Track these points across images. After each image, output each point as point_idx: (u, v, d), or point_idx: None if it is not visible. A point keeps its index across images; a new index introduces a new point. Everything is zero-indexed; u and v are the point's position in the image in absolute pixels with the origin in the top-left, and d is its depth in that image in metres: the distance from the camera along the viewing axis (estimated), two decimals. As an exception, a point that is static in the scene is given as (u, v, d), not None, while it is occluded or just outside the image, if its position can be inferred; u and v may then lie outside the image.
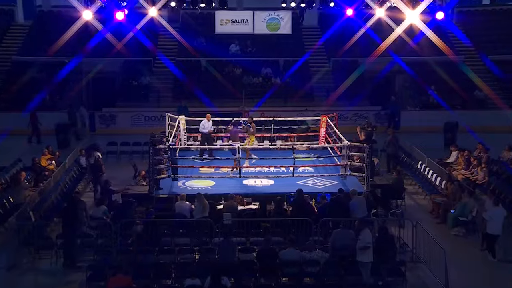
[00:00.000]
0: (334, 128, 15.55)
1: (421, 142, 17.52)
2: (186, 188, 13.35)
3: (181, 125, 15.95)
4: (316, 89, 23.23)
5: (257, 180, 13.85)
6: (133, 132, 20.77)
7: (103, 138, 19.22)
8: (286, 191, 12.68)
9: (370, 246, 9.70)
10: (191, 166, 14.25)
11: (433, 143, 18.51)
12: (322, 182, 13.75)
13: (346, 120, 21.68)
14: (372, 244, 9.75)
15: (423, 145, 16.91)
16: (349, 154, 13.63)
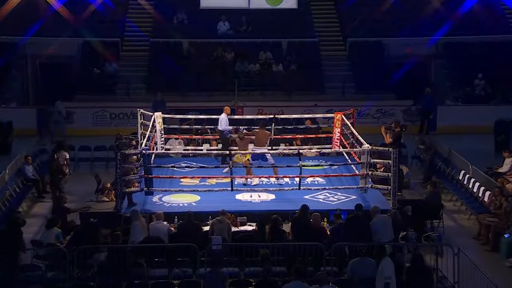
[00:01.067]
0: (351, 128, 15.60)
1: (464, 146, 17.60)
2: (164, 204, 13.40)
3: (157, 124, 15.99)
4: (329, 78, 23.35)
5: (253, 194, 13.90)
6: (96, 133, 20.85)
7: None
8: (290, 208, 12.74)
9: (389, 282, 9.70)
10: (170, 176, 14.28)
11: (480, 147, 18.60)
12: (337, 196, 13.82)
13: (367, 118, 21.79)
14: (394, 278, 9.75)
15: (466, 150, 16.97)
16: (370, 161, 13.69)
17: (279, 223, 11.67)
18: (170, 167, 14.72)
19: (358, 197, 13.63)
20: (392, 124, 14.38)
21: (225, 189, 13.37)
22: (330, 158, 16.48)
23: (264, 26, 24.98)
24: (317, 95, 22.70)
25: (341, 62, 24.03)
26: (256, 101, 22.24)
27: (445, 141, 18.10)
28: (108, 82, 22.94)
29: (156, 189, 13.53)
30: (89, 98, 21.92)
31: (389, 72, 23.06)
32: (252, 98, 22.31)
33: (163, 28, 24.49)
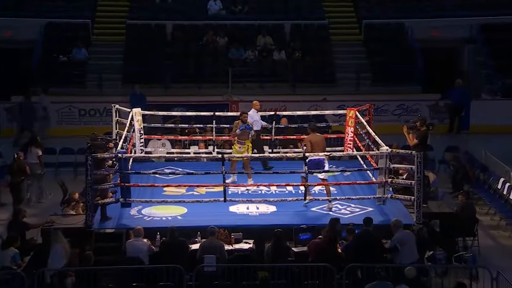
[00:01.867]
0: (367, 127, 15.63)
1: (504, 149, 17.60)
2: (143, 218, 13.42)
3: (136, 122, 15.99)
4: (340, 68, 23.42)
5: (250, 205, 13.92)
6: (62, 133, 20.86)
7: (12, 142, 19.29)
8: (294, 222, 12.76)
9: None
10: (151, 185, 14.29)
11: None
12: (350, 208, 13.85)
13: (386, 114, 21.85)
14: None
15: (506, 153, 16.98)
16: (390, 167, 13.69)
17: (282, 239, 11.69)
18: (151, 174, 14.69)
19: (375, 209, 13.64)
20: (417, 123, 14.38)
21: (217, 200, 13.38)
22: (341, 163, 16.50)
23: (263, 6, 25.07)
24: (326, 87, 22.76)
25: (355, 49, 24.10)
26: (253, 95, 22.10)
27: (480, 142, 18.15)
28: (76, 72, 22.93)
29: (135, 200, 13.53)
30: (54, 91, 21.90)
31: (413, 60, 23.14)
32: (248, 92, 22.33)
33: (142, 8, 24.54)
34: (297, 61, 23.34)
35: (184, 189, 14.51)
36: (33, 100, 20.97)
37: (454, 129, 21.69)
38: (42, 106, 20.95)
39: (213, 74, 22.94)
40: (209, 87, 22.51)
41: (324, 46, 23.89)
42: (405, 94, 22.41)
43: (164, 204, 13.76)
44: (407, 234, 11.88)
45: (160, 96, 21.95)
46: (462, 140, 20.31)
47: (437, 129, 17.58)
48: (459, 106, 21.71)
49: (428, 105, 22.10)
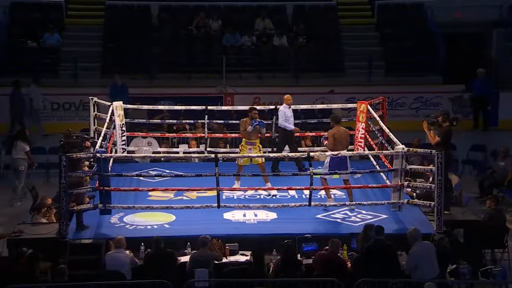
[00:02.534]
0: (380, 123, 15.67)
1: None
2: (126, 227, 13.47)
3: (117, 118, 16.02)
4: (350, 55, 23.51)
5: (248, 212, 13.98)
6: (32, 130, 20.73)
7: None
8: (297, 231, 12.80)
9: None
10: (135, 189, 14.32)
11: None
12: (361, 215, 13.90)
13: (402, 108, 21.95)
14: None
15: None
16: (407, 168, 13.73)
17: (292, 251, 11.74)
18: (134, 176, 14.73)
19: (389, 216, 13.70)
20: (438, 118, 14.35)
21: (209, 206, 13.41)
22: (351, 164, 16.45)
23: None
24: (334, 78, 22.84)
25: (367, 33, 24.20)
26: (251, 86, 22.31)
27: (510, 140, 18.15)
28: (48, 60, 22.96)
29: (116, 206, 13.54)
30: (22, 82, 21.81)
31: (433, 47, 23.20)
32: (245, 82, 22.41)
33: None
34: (301, 48, 23.39)
35: (172, 193, 14.54)
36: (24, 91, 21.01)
37: (479, 124, 21.73)
38: (29, 98, 20.99)
39: (205, 62, 22.99)
40: (200, 78, 22.56)
41: (331, 30, 23.96)
42: (424, 85, 22.49)
43: (149, 211, 13.77)
44: (426, 245, 11.89)
45: (145, 87, 22.00)
46: (490, 138, 20.34)
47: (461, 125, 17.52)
48: (483, 99, 21.77)
49: (451, 98, 22.20)
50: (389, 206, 13.80)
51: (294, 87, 22.41)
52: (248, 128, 14.77)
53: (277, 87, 22.10)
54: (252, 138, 14.94)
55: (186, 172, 14.20)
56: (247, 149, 14.87)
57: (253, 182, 14.38)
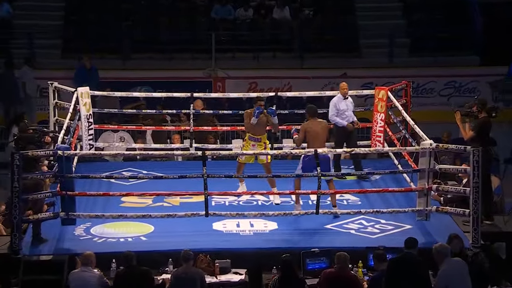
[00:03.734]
0: (403, 113, 15.71)
1: None
2: (93, 239, 13.45)
3: (83, 107, 16.05)
4: (367, 31, 23.58)
5: (242, 222, 14.00)
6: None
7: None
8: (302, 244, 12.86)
9: None
10: (104, 193, 14.30)
11: None
12: (379, 226, 13.93)
13: (430, 95, 22.04)
14: None
15: None
16: (436, 168, 13.76)
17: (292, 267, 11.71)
18: (104, 178, 14.76)
19: (414, 226, 13.70)
20: (473, 107, 14.35)
21: (196, 214, 13.41)
22: (368, 163, 16.60)
23: None
24: (347, 58, 22.93)
25: (387, 4, 24.27)
26: (246, 69, 22.31)
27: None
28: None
29: (81, 215, 13.53)
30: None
31: (468, 20, 23.23)
32: (239, 64, 22.42)
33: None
34: (307, 22, 23.43)
35: (150, 199, 14.56)
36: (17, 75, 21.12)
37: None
38: (21, 80, 21.05)
39: (190, 40, 22.97)
40: (184, 59, 22.57)
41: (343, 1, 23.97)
42: (457, 67, 22.54)
43: (122, 220, 13.78)
44: (458, 263, 11.78)
45: (117, 70, 22.01)
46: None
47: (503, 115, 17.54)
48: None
49: (490, 83, 22.25)
50: (414, 214, 13.81)
51: (298, 70, 22.47)
52: (251, 120, 14.59)
53: (277, 70, 22.15)
54: (257, 132, 14.72)
55: (167, 173, 14.23)
56: (251, 146, 14.73)
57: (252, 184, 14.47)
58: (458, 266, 11.74)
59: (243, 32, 23.33)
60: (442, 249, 11.68)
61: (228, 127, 17.65)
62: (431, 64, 22.46)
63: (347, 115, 15.94)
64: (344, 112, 15.88)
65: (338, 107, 15.87)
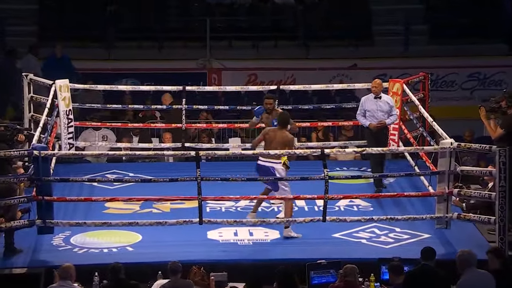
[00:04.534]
0: (420, 108, 15.75)
1: None
2: (74, 250, 13.44)
3: (61, 101, 16.07)
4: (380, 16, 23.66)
5: (240, 230, 14.05)
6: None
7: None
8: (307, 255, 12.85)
9: None
10: (86, 198, 14.32)
11: None
12: (393, 234, 13.94)
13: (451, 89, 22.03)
14: None
15: None
16: (457, 171, 13.79)
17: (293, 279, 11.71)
18: (86, 182, 14.77)
19: (433, 236, 13.69)
20: (501, 102, 14.35)
21: (188, 221, 13.44)
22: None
23: None
24: (357, 47, 22.99)
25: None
26: (244, 60, 22.31)
27: None
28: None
29: (60, 223, 13.53)
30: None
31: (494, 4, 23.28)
32: (237, 54, 22.43)
33: None
34: (313, 7, 23.47)
35: (138, 204, 14.60)
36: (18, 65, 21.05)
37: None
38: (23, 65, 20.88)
39: (182, 27, 23.01)
40: (175, 48, 22.60)
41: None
42: (483, 56, 22.58)
43: (106, 228, 13.76)
44: (482, 275, 11.80)
45: (100, 61, 22.03)
46: None
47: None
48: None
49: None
50: (433, 222, 13.79)
51: (303, 60, 22.49)
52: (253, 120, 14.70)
53: (280, 60, 22.16)
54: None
55: (156, 176, 14.24)
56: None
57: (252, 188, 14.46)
58: (482, 278, 11.66)
59: (241, 18, 23.39)
60: (468, 257, 11.39)
61: (224, 125, 17.66)
62: (452, 54, 22.45)
63: (378, 117, 15.61)
64: (374, 114, 15.63)
65: (365, 107, 15.70)
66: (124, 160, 16.97)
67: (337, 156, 16.40)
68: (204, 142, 17.17)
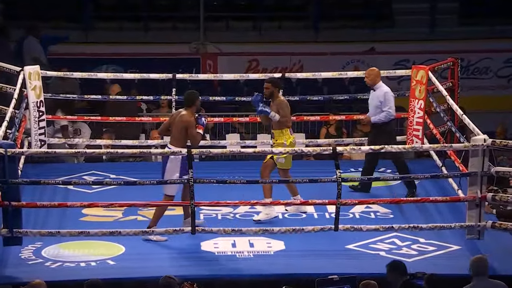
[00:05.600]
0: (449, 100, 15.78)
1: None
2: (45, 264, 13.43)
3: (31, 91, 16.10)
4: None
5: (239, 240, 14.09)
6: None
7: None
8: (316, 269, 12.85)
9: None
10: (60, 204, 14.33)
11: None
12: (417, 246, 13.97)
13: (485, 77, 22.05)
14: None
15: None
16: (491, 172, 13.81)
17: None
18: (60, 184, 14.81)
19: (463, 247, 13.73)
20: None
21: (180, 230, 13.48)
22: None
23: None
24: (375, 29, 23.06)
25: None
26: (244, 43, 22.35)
27: None
28: None
29: (30, 232, 13.55)
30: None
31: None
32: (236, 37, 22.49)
33: None
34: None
35: (121, 211, 14.66)
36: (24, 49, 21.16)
37: None
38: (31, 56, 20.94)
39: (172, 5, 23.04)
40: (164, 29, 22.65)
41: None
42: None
43: (83, 239, 13.75)
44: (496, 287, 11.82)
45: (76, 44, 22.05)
46: None
47: None
48: None
49: None
50: (463, 231, 13.81)
51: (313, 43, 22.55)
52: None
53: (285, 44, 22.22)
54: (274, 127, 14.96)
55: (142, 178, 14.29)
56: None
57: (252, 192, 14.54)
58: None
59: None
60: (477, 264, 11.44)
61: (220, 118, 17.69)
62: (486, 36, 22.49)
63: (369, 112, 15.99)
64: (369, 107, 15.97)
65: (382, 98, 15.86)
66: (105, 159, 16.99)
67: (352, 155, 16.40)
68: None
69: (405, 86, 17.17)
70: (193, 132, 13.98)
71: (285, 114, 14.73)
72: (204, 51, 21.81)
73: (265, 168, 14.73)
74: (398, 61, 20.24)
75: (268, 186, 14.43)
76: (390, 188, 15.71)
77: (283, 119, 14.71)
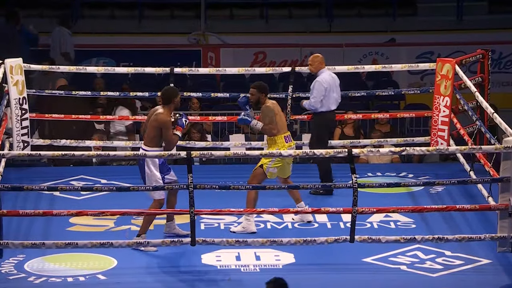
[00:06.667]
0: (478, 96, 15.77)
1: None
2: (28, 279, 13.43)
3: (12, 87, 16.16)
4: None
5: (244, 253, 14.13)
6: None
7: None
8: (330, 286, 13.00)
9: None
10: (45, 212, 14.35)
11: None
12: (442, 259, 13.96)
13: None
14: None
15: None
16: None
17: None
18: (45, 190, 14.88)
19: (494, 261, 13.73)
20: None
21: (178, 241, 13.51)
22: (424, 168, 16.74)
23: None
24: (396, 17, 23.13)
25: None
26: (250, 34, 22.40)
27: None
28: None
29: (11, 243, 13.60)
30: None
31: None
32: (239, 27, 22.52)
33: None
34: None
35: (112, 220, 14.75)
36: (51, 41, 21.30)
37: None
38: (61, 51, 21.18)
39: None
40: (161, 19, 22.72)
41: None
42: None
43: (70, 251, 13.79)
44: None
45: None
46: None
47: None
48: None
49: None
50: (494, 244, 13.81)
51: (326, 34, 22.61)
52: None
53: (295, 34, 22.26)
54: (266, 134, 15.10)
55: (136, 184, 14.35)
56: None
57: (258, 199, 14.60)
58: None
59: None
60: None
61: (224, 117, 17.70)
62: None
63: None
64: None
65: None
66: (95, 162, 17.03)
67: (369, 158, 16.42)
68: (195, 139, 17.17)
69: (429, 82, 17.23)
70: (168, 134, 14.00)
71: (269, 122, 14.71)
72: (205, 42, 21.86)
73: (254, 177, 14.75)
74: (421, 54, 20.27)
75: (252, 196, 14.44)
76: (412, 195, 15.69)
77: (266, 127, 14.74)
